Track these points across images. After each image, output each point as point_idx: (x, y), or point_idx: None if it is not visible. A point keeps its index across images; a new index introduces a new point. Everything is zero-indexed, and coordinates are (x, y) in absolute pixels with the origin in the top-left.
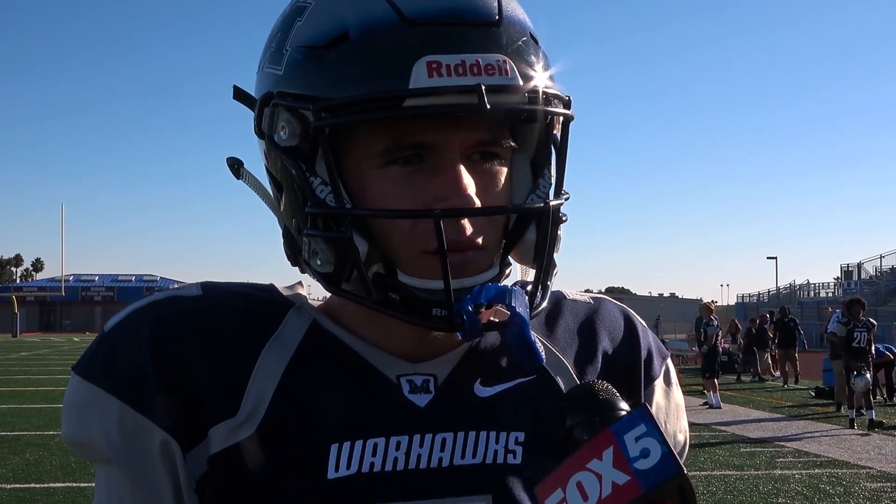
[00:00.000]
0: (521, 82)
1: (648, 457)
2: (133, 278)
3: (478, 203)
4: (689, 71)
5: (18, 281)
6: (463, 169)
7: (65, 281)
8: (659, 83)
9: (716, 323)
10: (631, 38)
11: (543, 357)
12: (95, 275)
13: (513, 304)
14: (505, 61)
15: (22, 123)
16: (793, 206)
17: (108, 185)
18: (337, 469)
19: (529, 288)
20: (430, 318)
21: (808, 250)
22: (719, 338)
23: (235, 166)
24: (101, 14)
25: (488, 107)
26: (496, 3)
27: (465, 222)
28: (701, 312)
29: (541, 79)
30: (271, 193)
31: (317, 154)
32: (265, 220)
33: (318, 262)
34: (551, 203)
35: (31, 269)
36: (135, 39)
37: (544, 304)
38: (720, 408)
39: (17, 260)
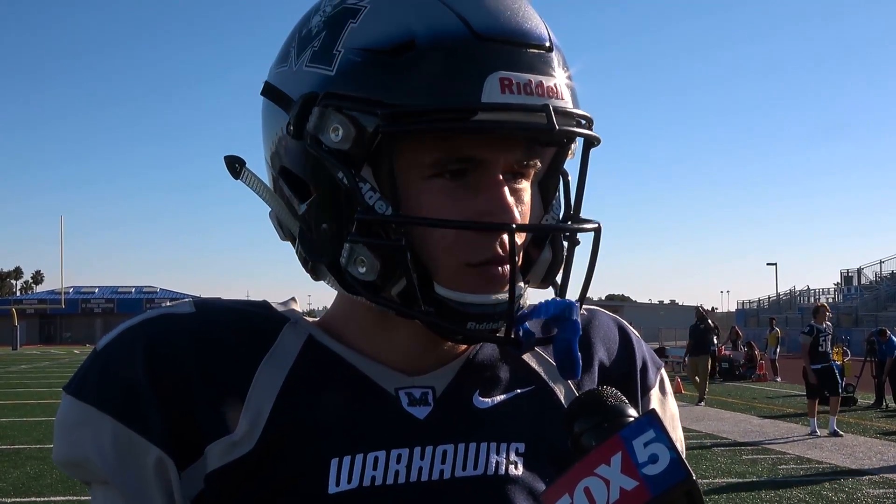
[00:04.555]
0: (572, 107)
1: (657, 462)
2: (133, 290)
3: (519, 220)
4: (689, 75)
5: (18, 294)
6: (506, 186)
7: (65, 293)
8: (658, 87)
9: (830, 329)
10: (627, 42)
11: (580, 374)
12: (95, 287)
13: (576, 319)
14: (560, 85)
15: (19, 132)
16: (792, 211)
17: (107, 195)
18: (338, 484)
19: None
20: (467, 331)
21: (807, 256)
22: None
23: (236, 165)
24: (96, 21)
25: (557, 128)
26: (546, 30)
27: (516, 238)
28: (814, 317)
29: (580, 104)
30: (279, 196)
31: (364, 160)
32: (268, 231)
33: (362, 270)
34: (601, 224)
35: (30, 281)
36: (132, 46)
37: None
38: (831, 435)
39: (17, 273)
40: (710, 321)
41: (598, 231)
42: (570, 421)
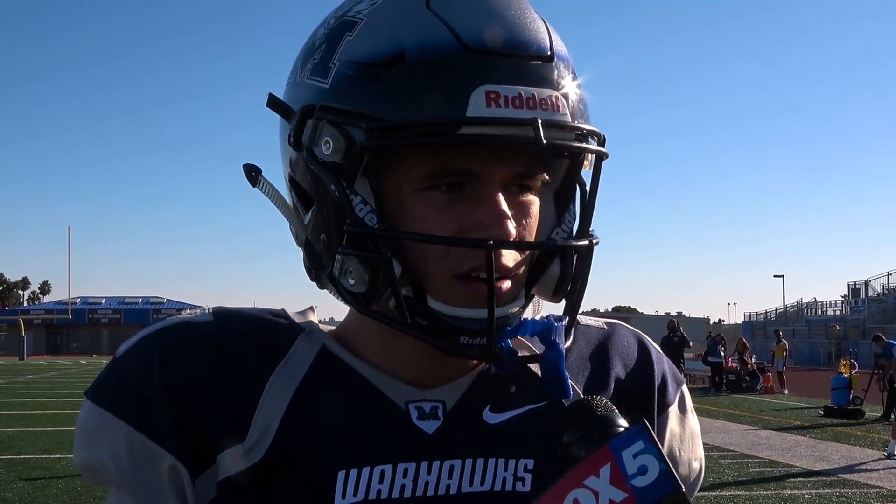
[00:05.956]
0: (570, 120)
1: (646, 474)
2: (140, 300)
3: (513, 233)
4: (696, 85)
5: (26, 304)
6: (503, 199)
7: (72, 303)
8: (665, 98)
9: None
10: (636, 51)
11: (571, 392)
12: (102, 297)
13: (556, 340)
14: (557, 97)
15: (27, 142)
16: (799, 223)
17: (115, 205)
18: (344, 496)
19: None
20: (459, 345)
21: (815, 268)
22: None
23: (253, 174)
24: (104, 30)
25: (544, 142)
26: (548, 39)
27: (505, 252)
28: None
29: (585, 117)
30: (291, 205)
31: (357, 172)
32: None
33: (351, 281)
34: (595, 241)
35: (38, 291)
36: (140, 55)
37: (569, 343)
38: None
39: (25, 283)
40: (684, 333)
41: (589, 249)
42: (559, 431)
